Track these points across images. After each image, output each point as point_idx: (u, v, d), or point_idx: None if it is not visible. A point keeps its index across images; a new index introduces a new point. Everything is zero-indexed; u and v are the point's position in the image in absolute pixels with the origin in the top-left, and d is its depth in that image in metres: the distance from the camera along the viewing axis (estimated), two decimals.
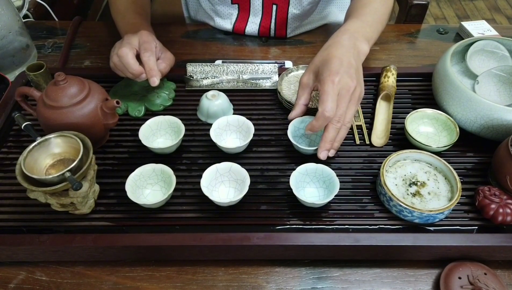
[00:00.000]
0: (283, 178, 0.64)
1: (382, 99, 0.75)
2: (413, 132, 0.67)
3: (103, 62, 0.89)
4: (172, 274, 0.57)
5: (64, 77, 0.61)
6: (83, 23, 1.00)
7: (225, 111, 0.73)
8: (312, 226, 0.59)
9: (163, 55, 0.75)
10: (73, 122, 0.61)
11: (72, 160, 0.56)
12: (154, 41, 0.74)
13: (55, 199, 0.57)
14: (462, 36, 0.95)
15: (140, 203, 0.58)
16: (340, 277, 0.57)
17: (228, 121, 0.69)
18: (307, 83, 0.66)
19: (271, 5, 0.91)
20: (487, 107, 0.63)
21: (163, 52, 0.75)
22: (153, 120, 0.69)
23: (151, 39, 0.73)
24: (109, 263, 0.58)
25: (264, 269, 0.57)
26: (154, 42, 0.73)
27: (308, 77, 0.65)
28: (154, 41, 0.73)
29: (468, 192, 0.62)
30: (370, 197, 0.62)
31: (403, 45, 0.93)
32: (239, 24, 0.95)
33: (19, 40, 0.83)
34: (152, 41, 0.72)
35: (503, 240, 0.55)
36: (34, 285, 0.56)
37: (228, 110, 0.73)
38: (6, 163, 0.67)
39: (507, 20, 2.54)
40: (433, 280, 0.56)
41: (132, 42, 0.71)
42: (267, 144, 0.69)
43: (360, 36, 0.68)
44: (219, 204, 0.59)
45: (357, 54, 0.66)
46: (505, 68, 0.73)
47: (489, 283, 0.53)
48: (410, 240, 0.55)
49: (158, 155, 0.67)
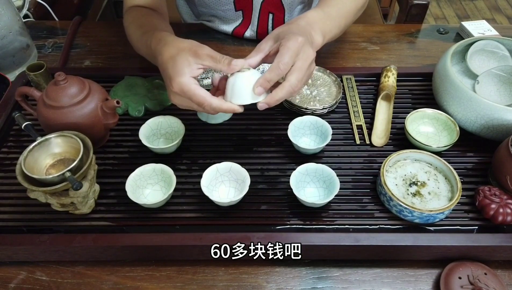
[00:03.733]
0: (283, 178, 0.64)
1: (382, 99, 0.75)
2: (413, 132, 0.67)
3: (103, 62, 0.89)
4: (172, 274, 0.57)
5: (64, 77, 0.61)
6: (83, 23, 1.00)
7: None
8: (312, 226, 0.59)
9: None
10: (73, 122, 0.61)
11: (72, 160, 0.56)
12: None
13: (55, 199, 0.57)
14: (463, 36, 0.95)
15: (140, 203, 0.58)
16: (340, 277, 0.57)
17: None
18: (262, 47, 0.59)
19: (267, 13, 0.91)
20: (487, 107, 0.63)
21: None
22: (153, 120, 0.69)
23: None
24: (109, 263, 0.58)
25: (264, 269, 0.57)
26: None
27: (266, 41, 0.60)
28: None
29: (468, 192, 0.62)
30: (370, 197, 0.62)
31: (403, 45, 0.93)
32: (239, 29, 0.95)
33: (19, 40, 0.83)
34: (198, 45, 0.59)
35: (503, 240, 0.55)
36: (34, 285, 0.56)
37: None
38: (6, 163, 0.67)
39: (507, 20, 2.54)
40: (433, 280, 0.56)
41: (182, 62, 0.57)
42: (267, 144, 0.69)
43: (317, 28, 0.64)
44: (219, 204, 0.59)
45: (311, 42, 0.61)
46: (505, 68, 0.73)
47: (489, 283, 0.53)
48: (410, 240, 0.55)
49: (158, 155, 0.67)
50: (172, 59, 0.58)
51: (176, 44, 0.59)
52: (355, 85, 0.79)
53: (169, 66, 0.57)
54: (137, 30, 0.72)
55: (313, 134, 0.70)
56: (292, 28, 0.60)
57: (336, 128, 0.71)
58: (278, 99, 0.57)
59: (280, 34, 0.59)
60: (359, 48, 0.92)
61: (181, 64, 0.57)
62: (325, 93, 0.76)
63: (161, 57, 0.60)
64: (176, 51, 0.58)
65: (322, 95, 0.76)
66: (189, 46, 0.58)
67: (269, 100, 0.57)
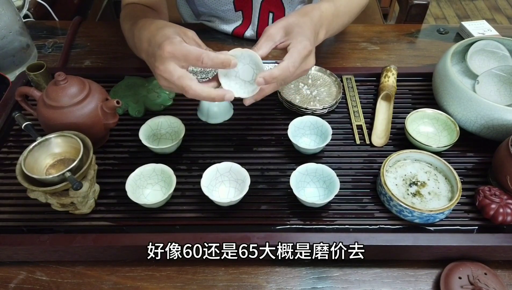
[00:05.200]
0: (283, 178, 0.64)
1: (383, 99, 0.75)
2: (413, 132, 0.67)
3: (103, 62, 0.89)
4: (172, 274, 0.57)
5: (65, 77, 0.61)
6: (84, 23, 1.00)
7: (226, 111, 0.72)
8: (312, 226, 0.59)
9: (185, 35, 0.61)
10: (73, 122, 0.61)
11: (72, 160, 0.56)
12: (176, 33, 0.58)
13: (55, 199, 0.57)
14: (463, 36, 0.95)
15: (140, 203, 0.58)
16: (340, 277, 0.57)
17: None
18: (273, 36, 0.58)
19: (267, 12, 0.91)
20: (488, 107, 0.63)
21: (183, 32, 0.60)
22: (153, 120, 0.69)
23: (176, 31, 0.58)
24: (109, 263, 0.58)
25: (264, 269, 0.57)
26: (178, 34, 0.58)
27: (277, 30, 0.59)
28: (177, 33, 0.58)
29: (469, 192, 0.62)
30: (370, 197, 0.62)
31: (403, 45, 0.93)
32: (240, 29, 0.95)
33: (19, 40, 0.83)
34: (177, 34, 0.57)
35: (503, 240, 0.55)
36: (34, 285, 0.56)
37: (228, 110, 0.73)
38: (6, 163, 0.67)
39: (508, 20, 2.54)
40: (433, 280, 0.56)
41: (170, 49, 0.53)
42: (267, 144, 0.69)
43: (325, 24, 0.65)
44: (219, 204, 0.59)
45: (316, 38, 0.62)
46: (505, 68, 0.73)
47: (490, 283, 0.53)
48: (410, 240, 0.55)
49: (158, 155, 0.67)
50: (161, 29, 0.57)
51: (162, 22, 0.60)
52: (355, 85, 0.79)
53: (157, 35, 0.56)
54: (128, 22, 0.71)
55: (313, 134, 0.70)
56: (305, 22, 0.60)
57: (336, 128, 0.71)
58: (270, 90, 0.57)
59: (291, 28, 0.59)
60: (359, 48, 0.92)
61: (169, 32, 0.56)
62: (325, 93, 0.76)
63: (147, 32, 0.58)
64: (163, 25, 0.58)
65: (322, 95, 0.76)
66: (176, 26, 0.59)
67: (259, 94, 0.57)
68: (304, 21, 0.60)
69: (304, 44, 0.57)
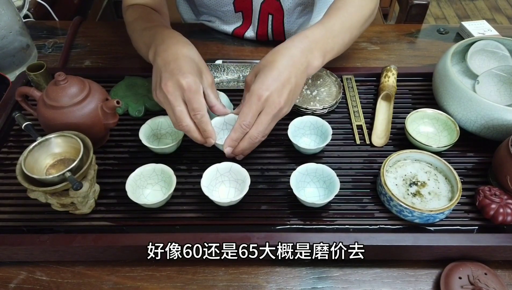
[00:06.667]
0: (283, 178, 0.64)
1: (383, 99, 0.75)
2: (413, 132, 0.67)
3: (103, 62, 0.89)
4: (172, 274, 0.57)
5: (65, 77, 0.61)
6: (84, 23, 1.00)
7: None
8: (312, 226, 0.59)
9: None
10: (73, 122, 0.61)
11: (73, 160, 0.56)
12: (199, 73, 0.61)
13: (55, 199, 0.57)
14: (463, 36, 0.95)
15: (140, 203, 0.58)
16: (340, 277, 0.57)
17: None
18: (249, 84, 0.63)
19: (267, 14, 0.91)
20: (488, 107, 0.63)
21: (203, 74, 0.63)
22: (153, 120, 0.69)
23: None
24: (109, 263, 0.58)
25: (265, 269, 0.57)
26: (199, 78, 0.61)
27: (251, 78, 0.63)
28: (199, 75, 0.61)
29: (469, 192, 0.62)
30: (370, 197, 0.62)
31: (403, 45, 0.93)
32: (240, 30, 0.95)
33: (19, 40, 0.83)
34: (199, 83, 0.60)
35: (503, 240, 0.55)
36: (34, 285, 0.56)
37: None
38: (7, 163, 0.67)
39: (508, 20, 2.54)
40: (433, 280, 0.56)
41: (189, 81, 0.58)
42: (267, 144, 0.69)
43: (316, 49, 0.64)
44: (219, 204, 0.59)
45: (304, 69, 0.62)
46: (505, 68, 0.73)
47: (490, 283, 0.53)
48: (410, 240, 0.55)
49: (159, 155, 0.67)
50: (188, 58, 0.61)
51: (188, 51, 0.63)
52: (355, 85, 0.79)
53: (183, 61, 0.60)
54: (142, 24, 0.73)
55: (313, 134, 0.70)
56: (272, 62, 0.60)
57: (336, 128, 0.71)
58: (241, 150, 0.62)
59: (259, 73, 0.60)
60: (359, 48, 0.92)
61: (192, 67, 0.60)
62: (325, 93, 0.76)
63: (172, 48, 0.62)
64: (187, 51, 0.62)
65: (322, 95, 0.76)
66: (199, 62, 0.63)
67: (234, 151, 0.62)
68: (272, 62, 0.60)
69: (256, 93, 0.58)
